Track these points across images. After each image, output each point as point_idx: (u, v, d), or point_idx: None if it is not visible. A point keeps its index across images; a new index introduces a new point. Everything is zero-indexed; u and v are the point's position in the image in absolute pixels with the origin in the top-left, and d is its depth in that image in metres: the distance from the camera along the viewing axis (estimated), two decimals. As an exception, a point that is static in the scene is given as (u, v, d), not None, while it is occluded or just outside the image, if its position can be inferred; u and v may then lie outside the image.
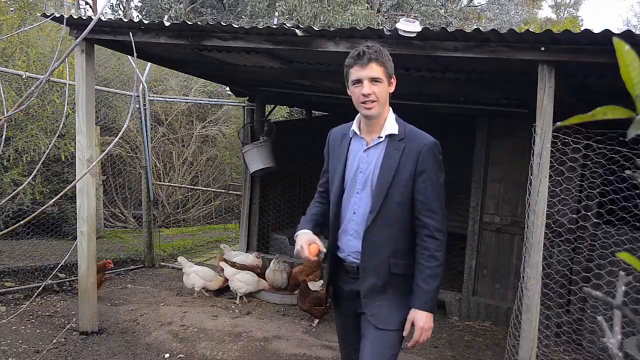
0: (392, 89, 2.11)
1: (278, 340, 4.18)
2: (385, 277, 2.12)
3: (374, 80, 2.03)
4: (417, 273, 2.10)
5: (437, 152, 2.11)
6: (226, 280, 5.20)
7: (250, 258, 5.69)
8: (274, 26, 3.40)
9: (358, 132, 2.17)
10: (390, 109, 2.16)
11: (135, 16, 15.32)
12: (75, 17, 3.80)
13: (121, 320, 4.41)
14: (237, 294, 5.20)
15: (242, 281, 5.13)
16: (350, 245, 2.18)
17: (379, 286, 2.13)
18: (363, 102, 2.05)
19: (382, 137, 2.12)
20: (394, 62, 2.15)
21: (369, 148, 2.14)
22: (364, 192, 2.14)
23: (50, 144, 4.53)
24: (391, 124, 2.13)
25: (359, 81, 2.04)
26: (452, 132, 6.18)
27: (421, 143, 2.09)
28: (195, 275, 5.18)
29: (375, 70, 2.02)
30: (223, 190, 8.75)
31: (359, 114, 2.17)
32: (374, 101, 2.04)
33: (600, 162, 3.84)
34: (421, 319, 2.08)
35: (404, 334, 2.13)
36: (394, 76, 2.11)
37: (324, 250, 2.18)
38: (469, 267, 5.22)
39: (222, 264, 5.22)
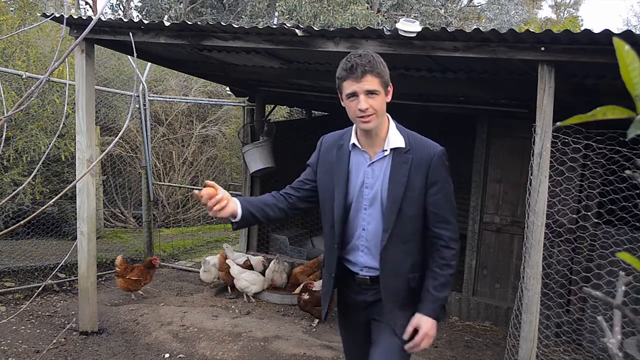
0: (389, 97, 1.99)
1: (278, 340, 4.18)
2: (405, 292, 2.09)
3: (370, 93, 1.89)
4: (430, 280, 2.04)
5: (446, 160, 2.05)
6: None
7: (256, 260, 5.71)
8: (274, 26, 3.40)
9: (359, 145, 2.06)
10: (389, 117, 2.06)
11: (135, 16, 15.32)
12: (75, 17, 3.80)
13: (121, 320, 4.41)
14: (245, 294, 5.24)
15: (248, 280, 5.15)
16: (362, 261, 2.11)
17: (399, 302, 2.09)
18: (360, 117, 1.92)
19: (387, 151, 2.02)
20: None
21: (373, 162, 2.04)
22: (372, 209, 2.05)
23: (50, 144, 4.53)
24: (395, 136, 2.02)
25: (354, 94, 1.90)
26: (452, 132, 6.18)
27: (430, 153, 2.01)
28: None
29: (370, 82, 1.88)
30: (223, 190, 8.74)
31: (355, 125, 2.06)
32: (371, 114, 1.91)
33: (600, 162, 3.84)
34: (426, 325, 2.02)
35: (405, 337, 2.05)
36: (390, 84, 1.98)
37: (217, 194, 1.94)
38: (469, 267, 5.22)
39: (229, 262, 5.23)
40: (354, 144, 2.07)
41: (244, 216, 2.01)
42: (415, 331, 2.04)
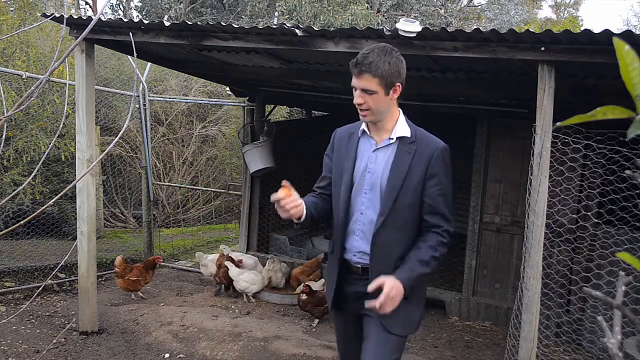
0: (395, 95, 2.05)
1: (278, 340, 4.18)
2: None
3: (365, 91, 2.00)
4: (415, 251, 2.04)
5: (448, 157, 2.10)
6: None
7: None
8: (274, 26, 3.40)
9: (368, 132, 2.15)
10: (400, 110, 2.14)
11: (135, 16, 15.31)
12: (75, 17, 3.80)
13: (121, 320, 4.41)
14: (245, 294, 5.24)
15: (247, 281, 5.15)
16: (356, 245, 2.15)
17: None
18: (358, 108, 2.06)
19: (393, 139, 2.10)
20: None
21: (378, 149, 2.12)
22: (372, 193, 2.11)
23: (50, 144, 4.53)
24: (403, 127, 2.11)
25: (354, 88, 2.05)
26: (452, 132, 6.17)
27: (433, 147, 2.08)
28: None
29: (367, 81, 1.99)
30: (223, 190, 8.76)
31: None
32: (367, 109, 2.03)
33: (600, 162, 3.84)
34: (390, 285, 1.92)
35: (369, 289, 1.95)
36: (398, 83, 2.03)
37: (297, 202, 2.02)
38: (469, 267, 5.22)
39: (228, 264, 5.23)
40: (363, 130, 2.17)
41: (307, 216, 2.10)
42: (380, 292, 1.94)
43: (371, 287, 1.95)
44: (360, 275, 2.15)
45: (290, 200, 2.01)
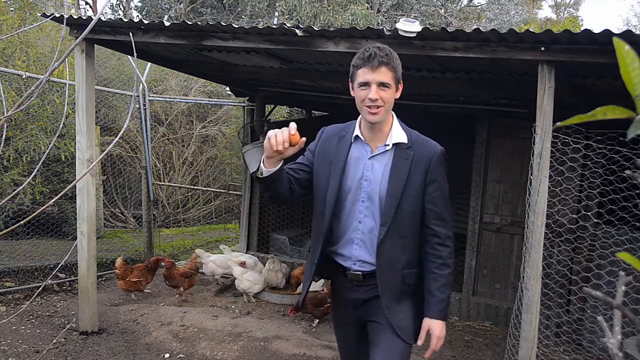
0: (398, 94, 2.01)
1: (278, 340, 4.18)
2: (400, 288, 2.09)
3: (382, 85, 1.92)
4: (431, 282, 2.06)
5: (444, 160, 2.08)
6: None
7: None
8: (274, 26, 3.40)
9: (362, 137, 2.07)
10: (394, 114, 2.09)
11: (135, 16, 15.31)
12: (75, 17, 3.80)
13: (121, 320, 4.41)
14: (246, 294, 5.24)
15: (250, 280, 5.15)
16: (355, 254, 2.10)
17: (395, 298, 2.09)
18: (368, 106, 1.94)
19: (389, 145, 2.04)
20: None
21: (374, 156, 2.05)
22: (370, 202, 2.06)
23: (50, 144, 4.53)
24: (398, 132, 2.05)
25: (366, 84, 1.93)
26: (452, 132, 6.18)
27: (431, 151, 2.04)
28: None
29: (385, 74, 1.91)
30: (223, 190, 8.76)
31: (359, 118, 2.08)
32: (380, 106, 1.93)
33: (600, 162, 3.84)
34: (437, 328, 2.08)
35: (419, 342, 2.09)
36: (401, 81, 2.01)
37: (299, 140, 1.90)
38: (469, 267, 5.22)
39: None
40: (356, 136, 2.09)
41: (280, 173, 1.95)
42: (428, 335, 2.10)
43: (420, 341, 2.12)
44: (361, 282, 2.12)
45: (288, 148, 1.89)
